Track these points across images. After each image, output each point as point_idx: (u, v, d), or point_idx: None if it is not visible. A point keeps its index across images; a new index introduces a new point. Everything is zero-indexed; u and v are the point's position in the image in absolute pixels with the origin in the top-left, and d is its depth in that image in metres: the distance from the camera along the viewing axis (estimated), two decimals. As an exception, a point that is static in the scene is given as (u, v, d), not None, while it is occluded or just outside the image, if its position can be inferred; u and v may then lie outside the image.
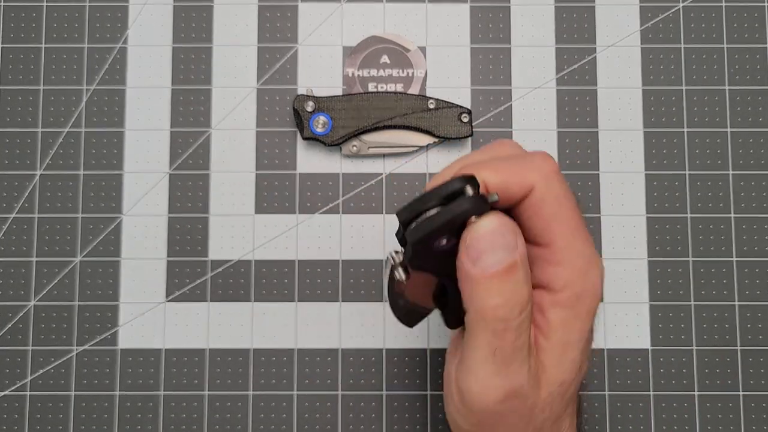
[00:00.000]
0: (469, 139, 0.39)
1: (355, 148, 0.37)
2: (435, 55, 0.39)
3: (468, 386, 0.23)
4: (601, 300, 0.26)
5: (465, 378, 0.23)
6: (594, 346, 0.37)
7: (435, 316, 0.28)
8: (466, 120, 0.37)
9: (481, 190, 0.23)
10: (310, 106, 0.37)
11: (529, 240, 0.24)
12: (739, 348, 0.37)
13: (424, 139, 0.38)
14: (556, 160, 0.39)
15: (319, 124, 0.37)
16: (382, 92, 0.38)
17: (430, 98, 0.38)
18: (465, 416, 0.24)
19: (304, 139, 0.38)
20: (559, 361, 0.23)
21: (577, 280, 0.23)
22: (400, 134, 0.38)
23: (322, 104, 0.37)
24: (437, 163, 0.39)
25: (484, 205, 0.22)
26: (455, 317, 0.25)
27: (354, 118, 0.37)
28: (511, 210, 0.24)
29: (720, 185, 0.39)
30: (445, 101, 0.38)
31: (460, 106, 0.38)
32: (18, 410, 0.37)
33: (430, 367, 0.37)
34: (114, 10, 0.39)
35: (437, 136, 0.38)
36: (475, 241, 0.22)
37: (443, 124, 0.37)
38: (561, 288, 0.23)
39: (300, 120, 0.37)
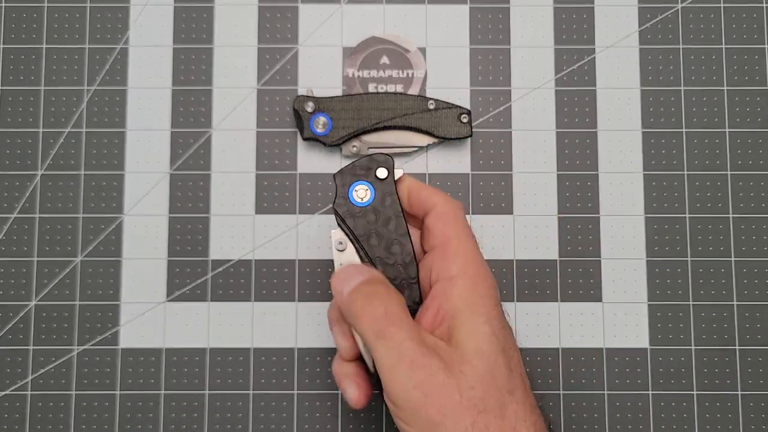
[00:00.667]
0: (469, 138, 0.39)
1: (354, 148, 0.38)
2: (435, 55, 0.40)
3: (386, 380, 0.26)
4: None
5: (382, 376, 0.26)
6: (593, 345, 0.37)
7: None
8: (465, 120, 0.37)
9: (408, 189, 0.31)
10: (310, 107, 0.37)
11: (431, 246, 0.29)
12: (737, 347, 0.38)
13: (424, 140, 0.38)
14: (555, 160, 0.39)
15: (319, 124, 0.37)
16: (382, 93, 0.38)
17: (430, 99, 0.38)
18: (404, 416, 0.26)
19: (305, 139, 0.38)
20: (469, 335, 0.26)
21: (471, 267, 0.28)
22: (400, 135, 0.38)
23: (322, 104, 0.37)
24: (437, 164, 0.39)
25: (388, 161, 0.30)
26: None
27: (354, 118, 0.37)
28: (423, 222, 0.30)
29: (718, 185, 0.39)
30: (445, 102, 0.38)
31: (460, 107, 0.38)
32: (19, 410, 0.37)
33: (429, 366, 0.37)
34: (115, 11, 0.40)
35: (437, 137, 0.38)
36: (334, 282, 0.29)
37: (443, 124, 0.38)
38: (457, 273, 0.28)
39: (300, 120, 0.37)
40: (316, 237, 0.38)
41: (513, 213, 0.38)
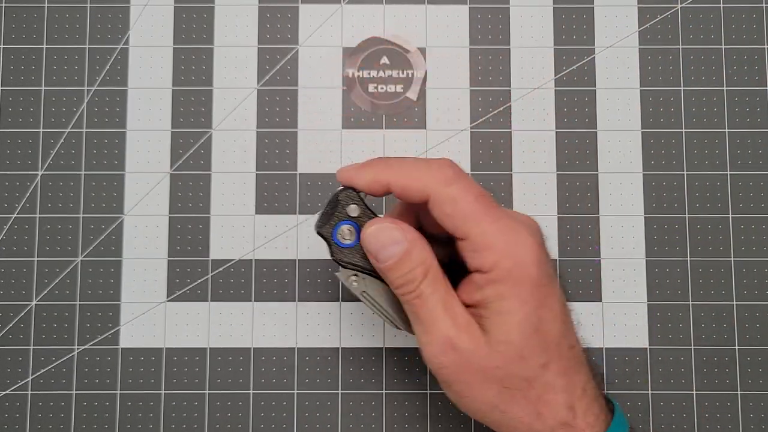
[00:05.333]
0: (468, 139, 0.39)
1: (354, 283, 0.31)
2: (434, 55, 0.40)
3: (421, 349, 0.28)
4: (549, 261, 0.28)
5: (419, 345, 0.28)
6: (592, 345, 0.37)
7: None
8: None
9: (381, 187, 0.28)
10: (353, 210, 0.29)
11: (457, 238, 0.27)
12: (737, 347, 0.38)
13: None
14: (555, 160, 0.39)
15: (346, 234, 0.30)
16: None
17: None
18: (439, 379, 0.28)
19: (318, 233, 0.30)
20: (499, 325, 0.27)
21: (503, 257, 0.26)
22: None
23: (365, 219, 0.29)
24: (437, 164, 0.39)
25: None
26: None
27: None
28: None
29: (718, 185, 0.39)
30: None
31: None
32: (19, 409, 0.37)
33: (429, 366, 0.38)
34: (115, 12, 0.40)
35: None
36: (367, 244, 0.28)
37: None
38: (490, 268, 0.27)
39: (331, 213, 0.30)
40: (316, 237, 0.38)
41: (513, 213, 0.38)
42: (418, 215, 0.31)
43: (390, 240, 0.28)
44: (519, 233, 0.27)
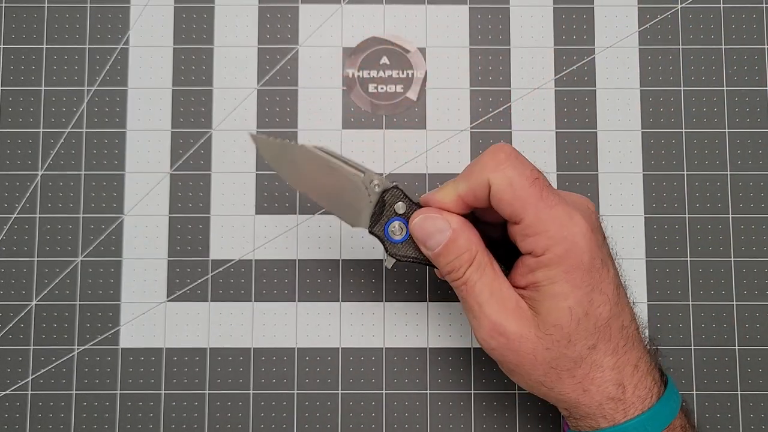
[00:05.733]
0: (469, 139, 0.39)
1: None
2: (434, 56, 0.40)
3: (474, 333, 0.29)
4: (603, 241, 0.29)
5: (471, 328, 0.30)
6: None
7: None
8: None
9: (459, 203, 0.29)
10: (400, 208, 0.30)
11: (512, 222, 0.28)
12: (737, 347, 0.38)
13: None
14: (555, 160, 0.39)
15: (397, 230, 0.31)
16: None
17: None
18: (496, 360, 0.30)
19: (370, 232, 0.31)
20: (549, 309, 0.27)
21: (556, 243, 0.27)
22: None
23: (411, 213, 0.31)
24: (437, 164, 0.39)
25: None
26: None
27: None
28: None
29: (718, 186, 0.39)
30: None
31: None
32: (19, 409, 0.37)
33: (429, 366, 0.38)
34: (115, 12, 0.40)
35: None
36: (414, 233, 0.30)
37: None
38: (543, 252, 0.27)
39: (380, 212, 0.31)
40: (316, 237, 0.38)
41: (513, 213, 0.38)
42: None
43: (435, 228, 0.29)
44: (572, 219, 0.27)
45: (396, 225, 0.31)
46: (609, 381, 0.28)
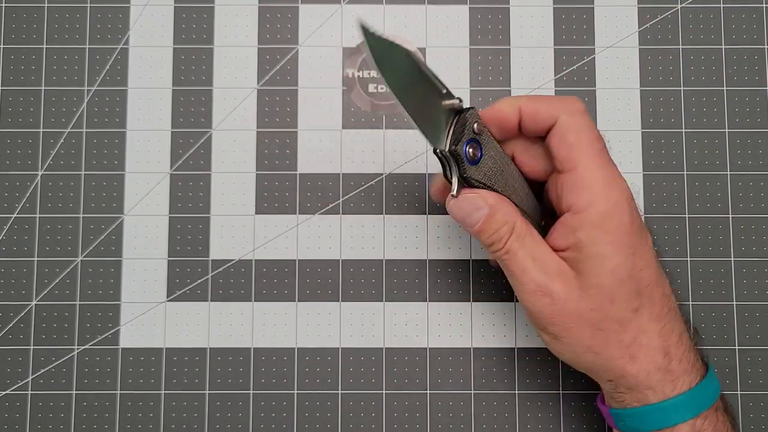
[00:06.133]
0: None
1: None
2: (434, 55, 0.40)
3: (519, 301, 0.30)
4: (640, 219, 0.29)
5: (517, 297, 0.30)
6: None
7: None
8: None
9: (517, 113, 0.30)
10: (476, 128, 0.29)
11: (557, 169, 0.29)
12: (737, 347, 0.38)
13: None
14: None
15: (472, 151, 0.29)
16: (526, 186, 0.33)
17: None
18: (535, 326, 0.30)
19: (441, 152, 0.29)
20: (592, 269, 0.28)
21: (600, 200, 0.28)
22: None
23: (487, 139, 0.30)
24: (437, 164, 0.39)
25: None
26: None
27: (496, 174, 0.30)
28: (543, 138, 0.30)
29: (718, 186, 0.39)
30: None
31: None
32: (19, 409, 0.37)
33: (429, 366, 0.38)
34: (115, 12, 0.40)
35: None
36: (453, 214, 0.30)
37: None
38: (585, 207, 0.28)
39: (461, 132, 0.29)
40: (316, 237, 0.38)
41: (513, 213, 0.38)
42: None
43: (473, 207, 0.29)
44: (619, 182, 0.28)
45: (472, 146, 0.29)
46: (656, 348, 0.28)
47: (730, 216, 0.39)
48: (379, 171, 0.39)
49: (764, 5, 0.40)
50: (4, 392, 0.37)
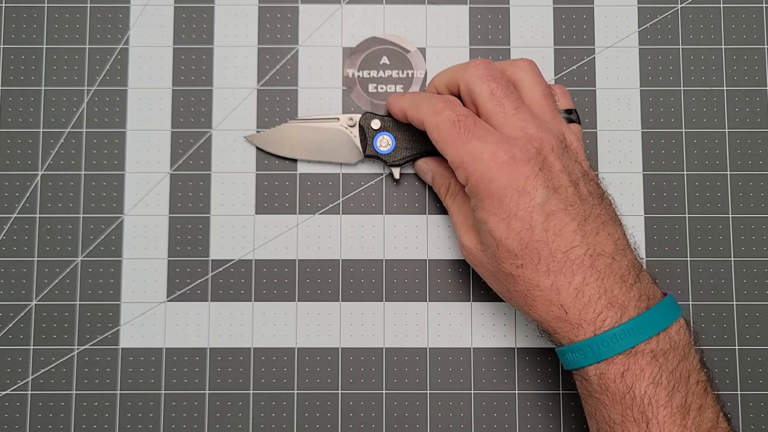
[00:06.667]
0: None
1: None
2: (434, 56, 0.40)
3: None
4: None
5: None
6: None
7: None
8: None
9: (404, 114, 0.36)
10: (375, 124, 0.37)
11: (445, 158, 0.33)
12: (737, 347, 0.38)
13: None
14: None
15: (383, 143, 0.37)
16: None
17: None
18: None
19: (366, 156, 0.38)
20: (479, 230, 0.32)
21: (469, 174, 0.31)
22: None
23: (388, 124, 0.38)
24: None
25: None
26: None
27: (417, 141, 0.37)
28: None
29: (718, 185, 0.39)
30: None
31: None
32: (19, 409, 0.37)
33: (429, 365, 0.38)
34: (115, 11, 0.40)
35: None
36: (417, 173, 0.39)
37: None
38: (465, 183, 0.32)
39: (364, 137, 0.38)
40: (316, 237, 0.38)
41: (513, 213, 0.38)
42: None
43: (422, 171, 0.37)
44: (484, 152, 0.31)
45: (380, 139, 0.37)
46: (548, 301, 0.30)
47: (730, 216, 0.39)
48: (379, 171, 0.39)
49: (764, 5, 0.40)
50: (4, 392, 0.37)
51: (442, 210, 0.39)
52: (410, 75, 0.39)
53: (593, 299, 0.30)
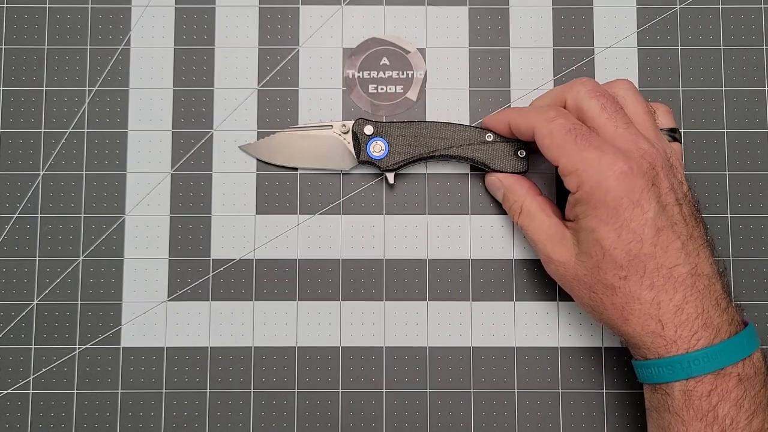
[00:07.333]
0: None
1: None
2: (434, 56, 0.40)
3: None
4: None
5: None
6: (593, 344, 0.38)
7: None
8: (522, 155, 0.37)
9: (507, 127, 0.36)
10: (368, 130, 0.37)
11: (554, 165, 0.33)
12: (735, 347, 0.38)
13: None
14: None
15: (377, 148, 0.37)
16: (441, 122, 0.37)
17: (488, 132, 0.37)
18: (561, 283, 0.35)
19: (360, 162, 0.38)
20: (583, 239, 0.32)
21: (584, 181, 0.31)
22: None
23: (381, 129, 0.37)
24: (437, 163, 0.39)
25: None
26: None
27: (411, 145, 0.37)
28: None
29: (717, 185, 0.39)
30: (503, 136, 0.37)
31: (517, 141, 0.37)
32: (20, 408, 0.37)
33: (429, 365, 0.38)
34: (116, 12, 0.40)
35: (492, 170, 0.37)
36: (489, 189, 0.39)
37: (499, 158, 0.37)
38: (575, 190, 0.32)
39: (357, 143, 0.38)
40: (316, 237, 0.39)
41: (512, 213, 0.39)
42: None
43: (494, 187, 0.38)
44: (602, 160, 0.31)
45: (374, 145, 0.37)
46: (647, 315, 0.30)
47: (729, 216, 0.39)
48: (379, 171, 0.39)
49: (763, 6, 0.40)
50: (5, 391, 0.37)
51: (442, 210, 0.39)
52: (410, 75, 0.40)
53: (691, 318, 0.30)
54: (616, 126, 0.32)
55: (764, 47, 0.40)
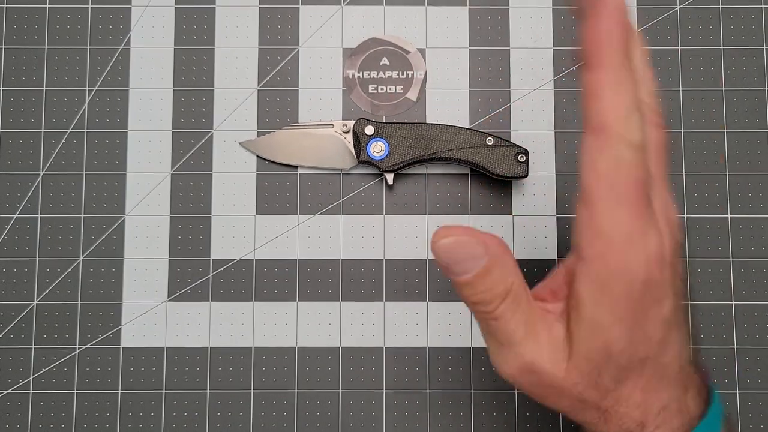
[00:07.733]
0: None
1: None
2: (434, 56, 0.40)
3: (493, 363, 0.25)
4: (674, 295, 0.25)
5: (491, 359, 0.26)
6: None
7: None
8: (522, 160, 0.37)
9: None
10: (369, 130, 0.38)
11: (580, 198, 0.23)
12: (735, 347, 0.38)
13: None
14: (554, 161, 0.39)
15: (377, 148, 0.37)
16: (442, 124, 0.38)
17: (489, 135, 0.37)
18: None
19: (360, 162, 0.38)
20: (584, 338, 0.23)
21: (613, 256, 0.22)
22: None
23: (382, 130, 0.38)
24: (436, 165, 0.39)
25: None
26: None
27: (411, 146, 0.37)
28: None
29: (717, 186, 0.39)
30: (503, 139, 0.37)
31: (518, 146, 0.37)
32: (20, 409, 0.37)
33: (429, 365, 0.38)
34: (116, 12, 0.40)
35: (492, 174, 0.37)
36: (438, 256, 0.24)
37: (499, 162, 0.37)
38: (593, 259, 0.23)
39: (358, 143, 0.38)
40: (316, 237, 0.39)
41: (512, 213, 0.39)
42: None
43: (467, 254, 0.23)
44: (647, 239, 0.23)
45: (374, 145, 0.37)
46: (631, 418, 0.25)
47: (729, 216, 0.39)
48: (379, 172, 0.39)
49: (763, 6, 0.40)
50: (5, 391, 0.37)
51: (442, 211, 0.39)
52: (410, 76, 0.40)
53: (672, 413, 0.25)
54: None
55: (764, 47, 0.40)
